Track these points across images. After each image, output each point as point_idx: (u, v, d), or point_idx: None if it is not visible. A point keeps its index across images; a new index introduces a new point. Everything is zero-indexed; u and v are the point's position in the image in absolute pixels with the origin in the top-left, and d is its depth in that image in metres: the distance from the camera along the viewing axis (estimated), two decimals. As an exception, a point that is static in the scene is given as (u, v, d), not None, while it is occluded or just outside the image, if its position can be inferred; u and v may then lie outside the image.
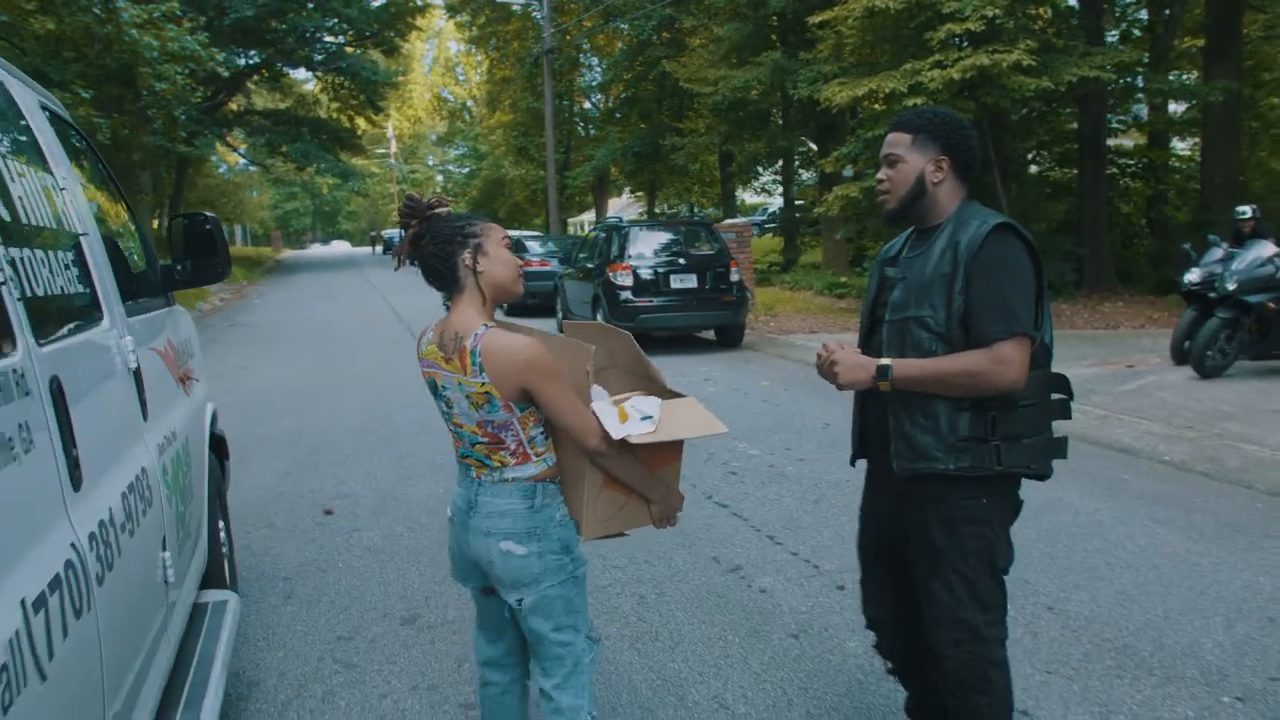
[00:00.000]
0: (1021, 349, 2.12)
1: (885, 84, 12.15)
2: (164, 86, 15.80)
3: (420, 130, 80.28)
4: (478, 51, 45.24)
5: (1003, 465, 2.21)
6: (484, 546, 2.23)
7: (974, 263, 2.16)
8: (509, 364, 2.09)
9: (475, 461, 2.24)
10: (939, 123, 2.30)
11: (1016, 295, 2.12)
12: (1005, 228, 2.19)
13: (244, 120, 37.28)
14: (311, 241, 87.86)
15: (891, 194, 2.35)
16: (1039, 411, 2.25)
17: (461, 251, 2.18)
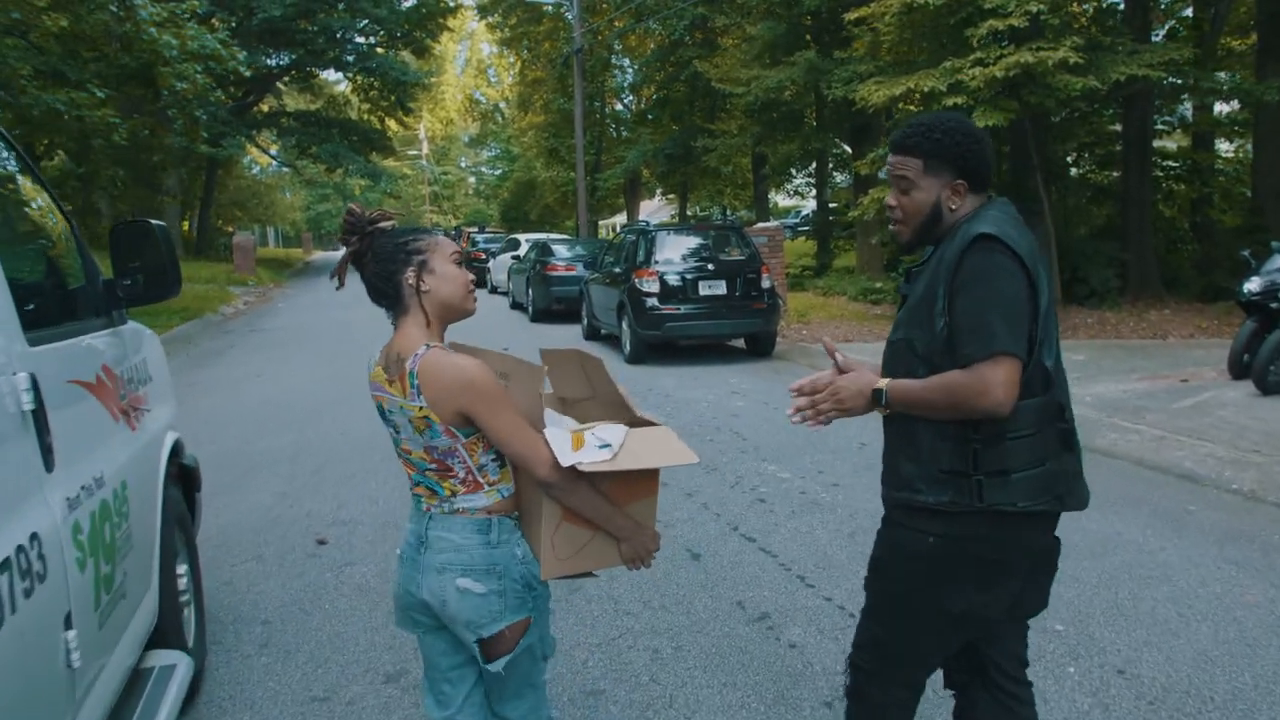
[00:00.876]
0: (1002, 370, 1.89)
1: (924, 83, 11.62)
2: (184, 86, 15.58)
3: (452, 132, 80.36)
4: (509, 53, 45.15)
5: (984, 503, 1.99)
6: (438, 584, 2.07)
7: (954, 279, 1.97)
8: (445, 386, 1.98)
9: (426, 490, 2.11)
10: (951, 143, 2.07)
11: (996, 311, 1.91)
12: (986, 239, 1.95)
13: (274, 121, 37.24)
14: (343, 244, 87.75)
15: (905, 224, 2.15)
16: (1033, 443, 1.99)
17: (405, 270, 2.07)
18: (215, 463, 6.95)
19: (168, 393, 3.82)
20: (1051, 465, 2.01)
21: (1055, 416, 2.02)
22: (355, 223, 2.12)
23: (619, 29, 31.53)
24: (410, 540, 2.15)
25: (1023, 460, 1.98)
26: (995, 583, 2.08)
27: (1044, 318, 1.97)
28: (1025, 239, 1.99)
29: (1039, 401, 1.98)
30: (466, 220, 63.51)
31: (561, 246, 18.32)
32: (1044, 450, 2.00)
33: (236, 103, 34.49)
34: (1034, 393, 1.97)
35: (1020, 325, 1.92)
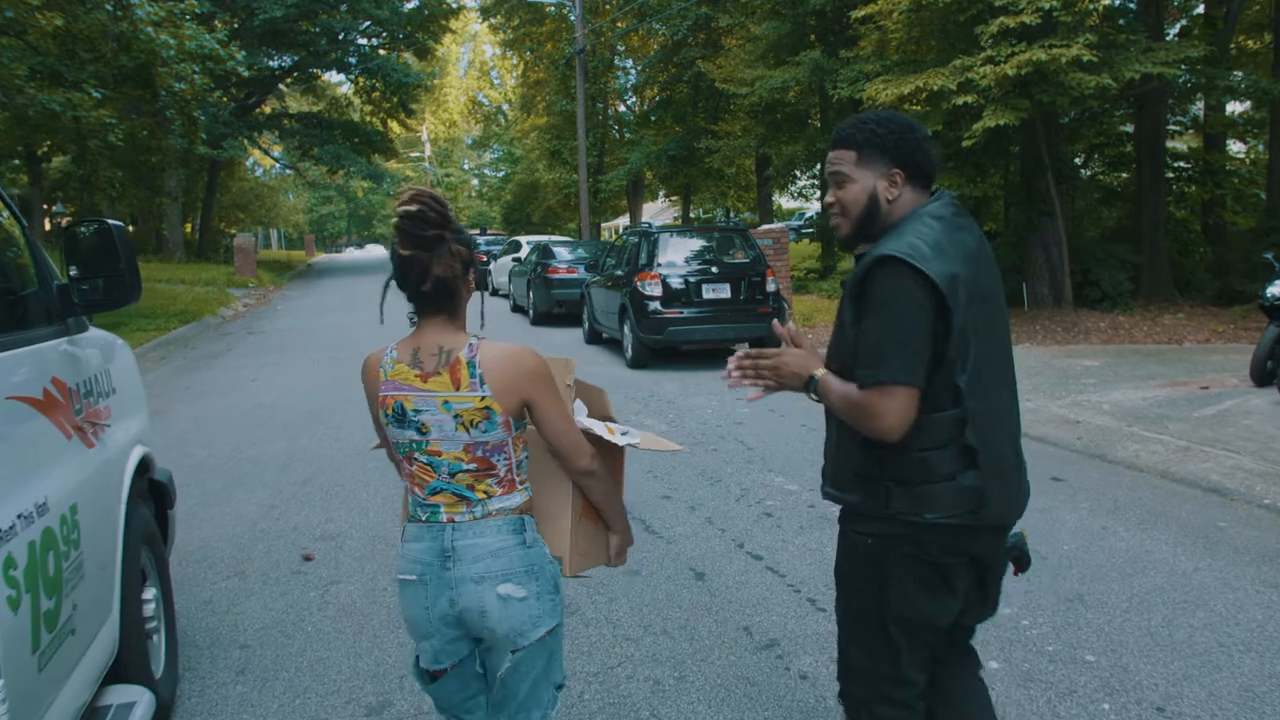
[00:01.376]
0: (892, 399, 1.89)
1: (933, 81, 11.36)
2: (183, 87, 15.36)
3: (455, 134, 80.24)
4: (512, 54, 44.97)
5: (890, 510, 1.99)
6: (475, 596, 1.97)
7: (860, 296, 1.97)
8: (514, 372, 1.96)
9: (451, 498, 2.00)
10: (885, 133, 2.05)
11: (893, 339, 1.90)
12: (887, 261, 1.91)
13: (276, 123, 37.07)
14: (346, 245, 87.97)
15: (845, 217, 2.11)
16: (939, 457, 1.97)
17: (468, 274, 2.04)
18: (203, 471, 6.75)
19: (138, 404, 3.58)
20: (963, 480, 1.97)
21: (960, 432, 1.96)
22: (445, 214, 1.98)
23: (621, 29, 31.27)
24: (426, 559, 2.01)
25: (927, 473, 1.96)
26: (938, 589, 2.05)
27: (958, 335, 1.91)
28: (945, 254, 1.93)
29: (947, 416, 1.95)
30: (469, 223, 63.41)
31: (563, 249, 18.08)
32: (953, 464, 1.96)
33: (238, 104, 34.36)
34: (942, 407, 1.94)
35: (916, 352, 1.89)
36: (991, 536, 2.09)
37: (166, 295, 19.93)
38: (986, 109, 11.18)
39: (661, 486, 5.99)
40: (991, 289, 2.04)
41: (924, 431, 1.93)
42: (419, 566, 2.02)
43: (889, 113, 2.11)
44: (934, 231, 1.96)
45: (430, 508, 2.02)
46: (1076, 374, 9.54)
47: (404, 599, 2.07)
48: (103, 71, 15.18)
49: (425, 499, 2.02)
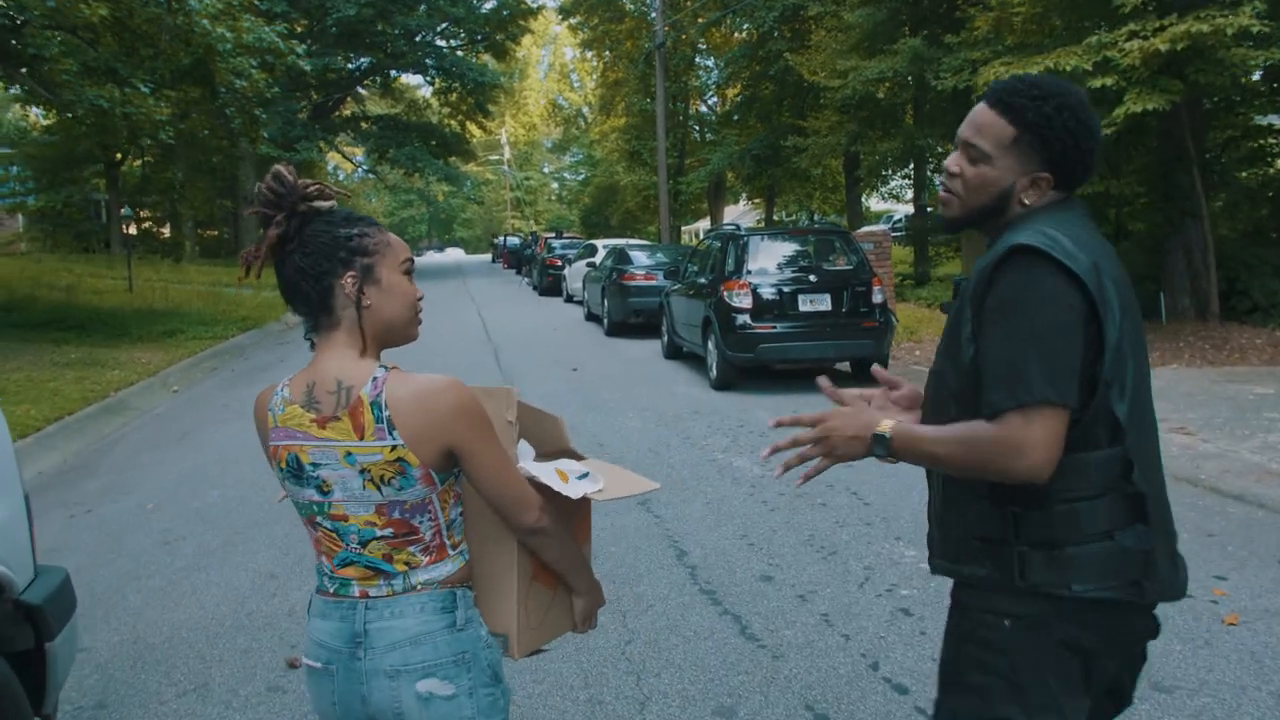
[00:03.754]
0: (1039, 426, 1.46)
1: (1064, 61, 9.83)
2: (243, 84, 14.60)
3: (535, 137, 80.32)
4: (592, 55, 44.38)
5: (1026, 581, 1.55)
6: (390, 694, 1.60)
7: (985, 299, 1.55)
8: (432, 413, 1.57)
9: (363, 571, 1.62)
10: (1061, 127, 1.58)
11: (1033, 349, 1.47)
12: (1024, 252, 1.52)
13: (352, 125, 36.89)
14: (426, 249, 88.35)
15: (960, 200, 1.68)
16: (1091, 509, 1.53)
17: (344, 273, 1.61)
18: (206, 518, 5.71)
19: None
20: (1122, 539, 1.54)
21: (1121, 477, 1.54)
22: (283, 192, 1.61)
23: (703, 23, 30.10)
24: (334, 645, 1.64)
25: (1078, 531, 1.54)
26: (1079, 685, 1.58)
27: (1114, 351, 1.52)
28: (1090, 250, 1.55)
29: (1101, 456, 1.53)
30: (547, 226, 62.98)
31: (640, 253, 16.89)
32: (1109, 519, 1.54)
33: (314, 106, 34.15)
34: (1096, 444, 1.53)
35: (1066, 365, 1.49)
36: (1146, 619, 1.65)
37: (232, 300, 19.36)
38: (1129, 92, 9.63)
39: (759, 560, 4.70)
40: (1134, 301, 1.63)
41: (1073, 475, 1.52)
42: (325, 652, 1.66)
43: (1076, 96, 1.63)
44: (1072, 225, 1.59)
45: (339, 580, 1.66)
46: (1252, 405, 7.95)
47: (310, 687, 1.72)
48: (160, 68, 14.48)
49: (334, 571, 1.66)
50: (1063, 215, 1.63)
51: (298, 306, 1.66)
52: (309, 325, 1.68)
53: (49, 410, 8.76)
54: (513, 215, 78.00)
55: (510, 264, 40.95)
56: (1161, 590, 1.61)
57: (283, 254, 1.62)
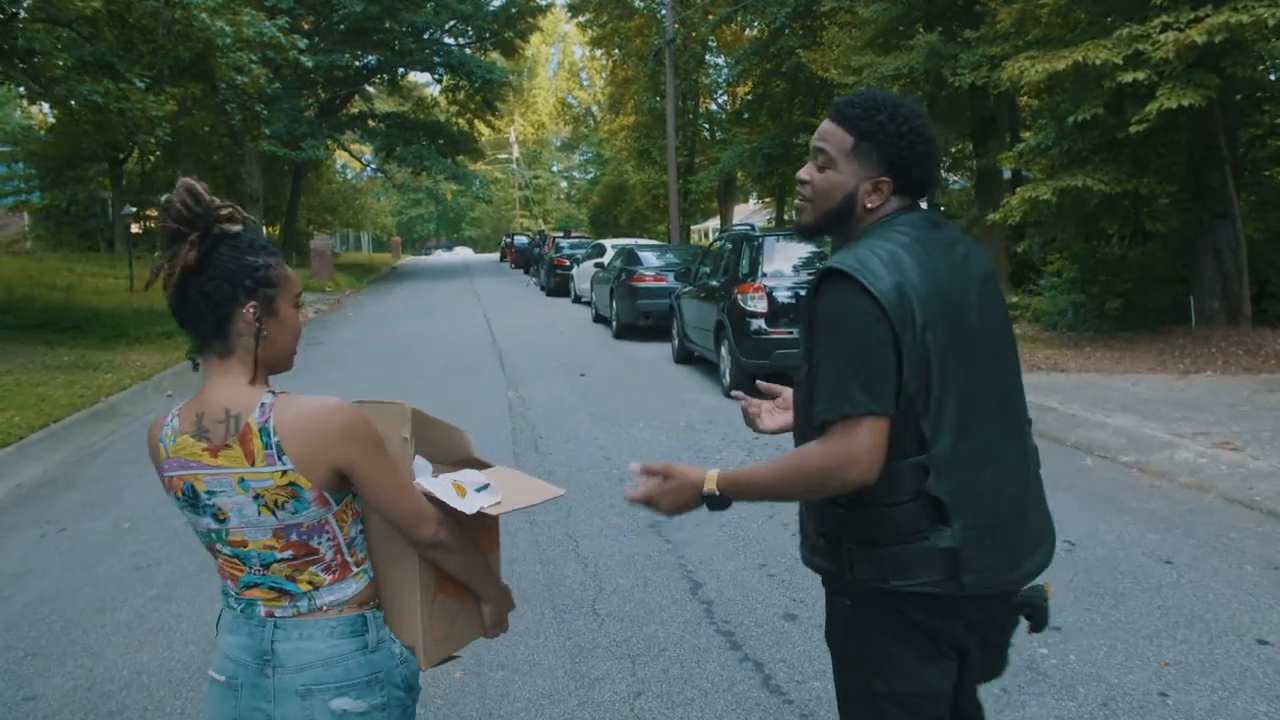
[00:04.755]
0: (863, 434, 1.59)
1: (1093, 54, 9.37)
2: (244, 80, 14.23)
3: (544, 136, 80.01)
4: (600, 53, 44.04)
5: (855, 575, 1.72)
6: (302, 712, 1.62)
7: (811, 319, 1.72)
8: (320, 435, 1.59)
9: (268, 592, 1.65)
10: (894, 132, 1.74)
11: (849, 365, 1.62)
12: (838, 275, 1.66)
13: (359, 124, 36.57)
14: (435, 248, 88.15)
15: (812, 205, 1.83)
16: (906, 512, 1.67)
17: (246, 302, 1.63)
18: (183, 541, 5.23)
19: None
20: (935, 539, 1.66)
21: (924, 483, 1.66)
22: (199, 211, 1.60)
23: (713, 20, 29.67)
24: (241, 659, 1.65)
25: (894, 532, 1.68)
26: (930, 653, 1.73)
27: (915, 365, 1.64)
28: (900, 269, 1.65)
29: (910, 464, 1.67)
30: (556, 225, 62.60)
31: (650, 253, 16.47)
32: (919, 521, 1.67)
33: (321, 105, 33.81)
34: (904, 453, 1.66)
35: (881, 376, 1.62)
36: (985, 606, 1.73)
37: (233, 302, 18.96)
38: (1161, 87, 9.17)
39: (781, 594, 4.29)
40: (970, 309, 1.72)
41: (884, 481, 1.64)
42: (231, 665, 1.67)
43: (909, 108, 1.77)
44: (894, 244, 1.70)
45: (245, 601, 1.66)
46: (1299, 417, 7.50)
47: (210, 700, 1.71)
48: (158, 64, 14.11)
49: (239, 593, 1.67)
50: (896, 229, 1.74)
51: (190, 328, 1.65)
52: (195, 346, 1.67)
53: (34, 417, 8.38)
54: (521, 214, 77.71)
55: (518, 263, 40.62)
56: (983, 584, 1.69)
57: (185, 272, 1.59)
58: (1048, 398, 7.95)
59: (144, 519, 5.86)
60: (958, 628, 1.75)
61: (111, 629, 4.21)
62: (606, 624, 4.02)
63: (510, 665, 3.68)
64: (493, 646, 3.83)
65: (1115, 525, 5.06)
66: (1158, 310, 11.74)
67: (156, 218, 1.74)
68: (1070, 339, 11.69)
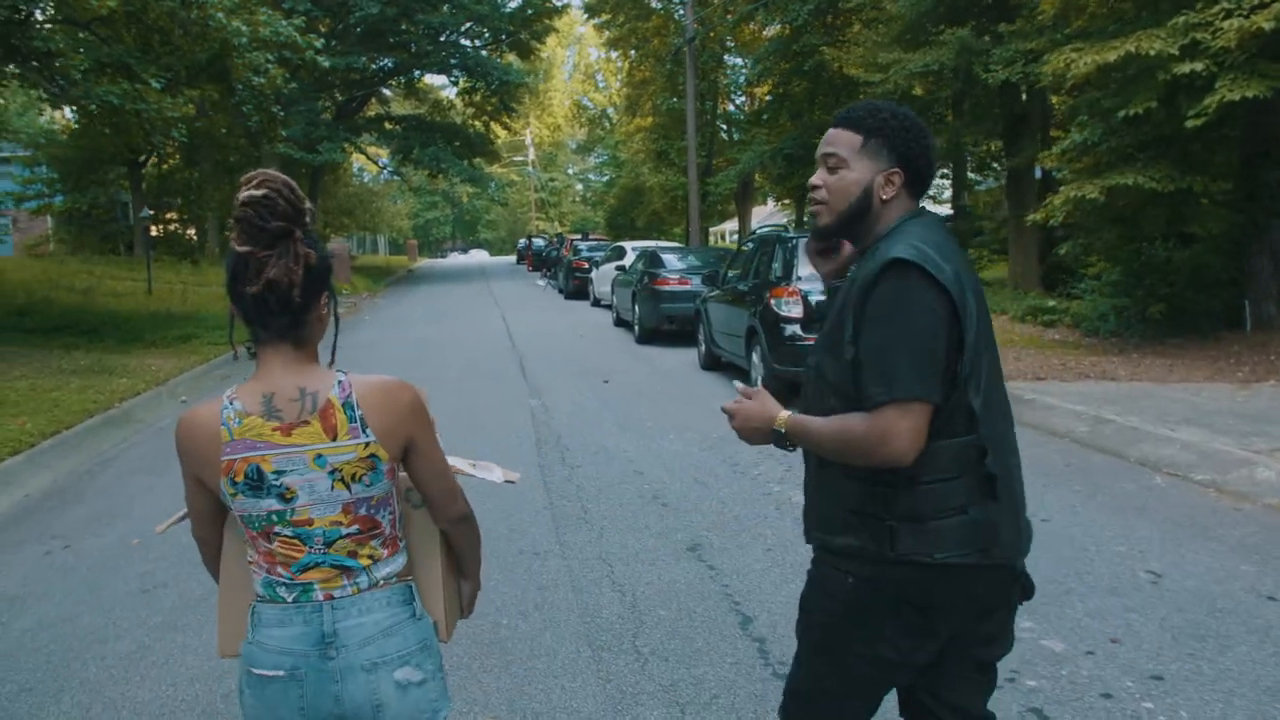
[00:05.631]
0: (906, 417, 1.71)
1: (1146, 45, 8.93)
2: (261, 81, 13.95)
3: (559, 138, 79.89)
4: (617, 54, 43.78)
5: (896, 552, 1.79)
6: (369, 687, 1.68)
7: (865, 305, 1.79)
8: (396, 409, 1.69)
9: (328, 571, 1.69)
10: (898, 126, 1.90)
11: (904, 350, 1.73)
12: (900, 265, 1.76)
13: (375, 126, 36.40)
14: (451, 250, 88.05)
15: (828, 206, 1.95)
16: (951, 488, 1.79)
17: (323, 293, 1.70)
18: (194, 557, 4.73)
19: None
20: (974, 513, 1.80)
21: (976, 461, 1.80)
22: (299, 204, 1.64)
23: (734, 19, 29.30)
24: (301, 649, 1.67)
25: (939, 507, 1.80)
26: (921, 632, 1.87)
27: (971, 351, 1.77)
28: (952, 259, 1.80)
29: (960, 443, 1.79)
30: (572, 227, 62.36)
31: (672, 256, 16.09)
32: (964, 497, 1.80)
33: (338, 107, 33.64)
34: (954, 433, 1.78)
35: (931, 365, 1.74)
36: (999, 578, 1.89)
37: (249, 305, 18.73)
38: (1221, 79, 8.72)
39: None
40: (985, 303, 1.87)
41: (936, 459, 1.77)
42: (290, 659, 1.67)
43: (903, 109, 1.94)
44: (933, 235, 1.83)
45: (299, 587, 1.68)
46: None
47: (262, 702, 1.68)
48: (175, 64, 13.86)
49: (293, 578, 1.68)
50: (925, 228, 1.85)
51: (269, 320, 1.64)
52: (257, 337, 1.67)
53: (46, 423, 8.10)
54: (537, 217, 77.56)
55: (535, 266, 40.35)
56: (1006, 554, 1.86)
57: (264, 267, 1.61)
58: (1102, 408, 7.53)
59: (152, 535, 5.54)
60: (962, 605, 1.86)
61: (112, 661, 3.89)
62: (649, 664, 3.65)
63: (548, 713, 3.32)
64: (526, 690, 3.48)
65: (1202, 554, 4.63)
66: (1207, 315, 11.25)
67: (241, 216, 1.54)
68: (1114, 345, 11.23)
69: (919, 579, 1.81)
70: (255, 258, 1.60)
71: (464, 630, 4.04)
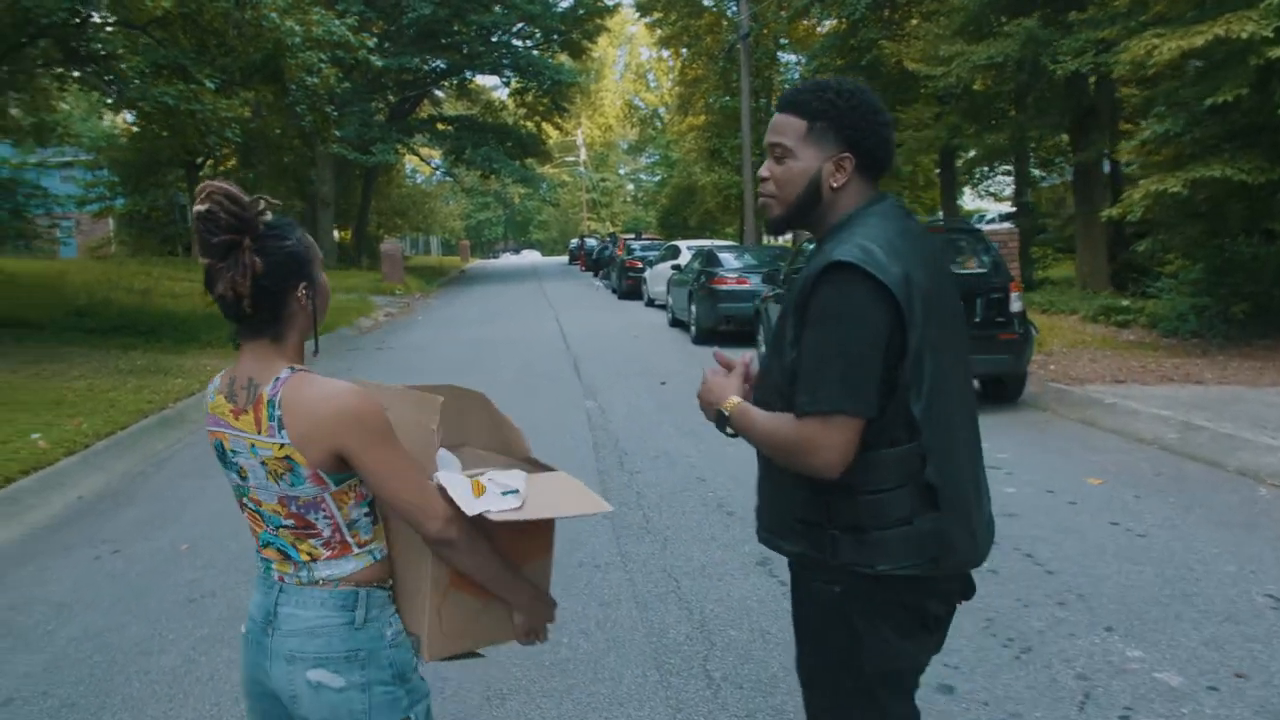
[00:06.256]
0: (830, 431, 1.65)
1: (1237, 28, 8.44)
2: (315, 81, 13.92)
3: (611, 138, 79.87)
4: (669, 53, 43.59)
5: (838, 560, 1.74)
6: (286, 676, 1.70)
7: (805, 309, 1.72)
8: (318, 418, 1.64)
9: (277, 554, 1.74)
10: (846, 107, 1.79)
11: (835, 360, 1.65)
12: (842, 268, 1.66)
13: (427, 127, 36.57)
14: (503, 251, 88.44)
15: (777, 199, 1.86)
16: (891, 499, 1.71)
17: (297, 284, 1.71)
18: (244, 564, 4.76)
19: None
20: (921, 523, 1.71)
21: (917, 470, 1.71)
22: (246, 216, 1.65)
23: (787, 15, 28.89)
24: (256, 617, 1.77)
25: (880, 517, 1.71)
26: (915, 628, 1.80)
27: (913, 356, 1.67)
28: (902, 259, 1.68)
29: (899, 452, 1.70)
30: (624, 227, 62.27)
31: (729, 255, 15.78)
32: (908, 507, 1.71)
33: (392, 108, 33.84)
34: (895, 441, 1.70)
35: (864, 376, 1.65)
36: (952, 586, 1.83)
37: (303, 304, 18.80)
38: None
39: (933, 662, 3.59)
40: (948, 299, 1.79)
41: (875, 470, 1.70)
42: (250, 623, 1.79)
43: (853, 85, 1.81)
44: (884, 231, 1.73)
45: (264, 561, 1.77)
46: None
47: (242, 653, 1.82)
48: (230, 65, 13.89)
49: (260, 550, 1.78)
50: (878, 218, 1.76)
51: (245, 317, 1.68)
52: (241, 332, 1.71)
53: (101, 424, 8.05)
54: (589, 217, 77.59)
55: (587, 266, 40.25)
56: (958, 563, 1.78)
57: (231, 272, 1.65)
58: (1192, 414, 7.09)
59: (202, 539, 5.41)
60: (932, 603, 1.81)
61: (156, 675, 3.71)
62: (722, 691, 3.38)
63: (615, 746, 3.07)
64: (590, 719, 3.22)
65: (1323, 574, 4.25)
66: (1296, 314, 10.71)
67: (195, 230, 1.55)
68: (1196, 346, 10.70)
69: (873, 588, 1.75)
70: (212, 269, 1.65)
71: (522, 651, 3.79)
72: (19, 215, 25.60)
